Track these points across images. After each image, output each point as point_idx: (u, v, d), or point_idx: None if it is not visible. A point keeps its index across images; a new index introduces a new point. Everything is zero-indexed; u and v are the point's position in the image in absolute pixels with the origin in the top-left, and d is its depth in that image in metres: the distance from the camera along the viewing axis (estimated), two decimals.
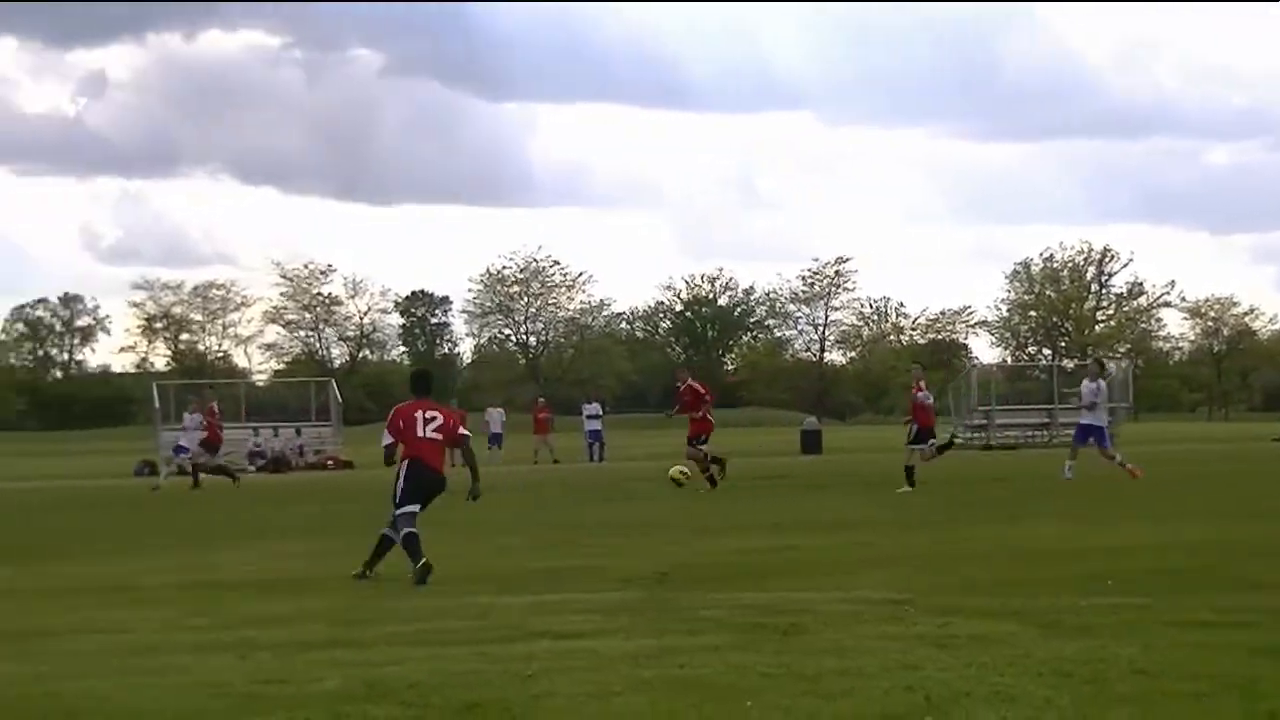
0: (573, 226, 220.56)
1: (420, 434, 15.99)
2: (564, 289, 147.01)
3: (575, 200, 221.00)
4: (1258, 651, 9.54)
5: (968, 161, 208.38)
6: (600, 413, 60.39)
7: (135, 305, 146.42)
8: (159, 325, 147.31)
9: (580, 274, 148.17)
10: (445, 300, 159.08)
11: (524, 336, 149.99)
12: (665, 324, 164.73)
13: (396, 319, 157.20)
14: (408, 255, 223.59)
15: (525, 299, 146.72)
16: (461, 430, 16.46)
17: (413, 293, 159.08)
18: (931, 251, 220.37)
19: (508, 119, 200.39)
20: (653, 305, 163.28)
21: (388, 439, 16.32)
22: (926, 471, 29.93)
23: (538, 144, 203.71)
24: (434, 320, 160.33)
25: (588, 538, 19.87)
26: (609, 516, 24.49)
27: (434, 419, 16.17)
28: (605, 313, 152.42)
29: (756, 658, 9.71)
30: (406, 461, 15.99)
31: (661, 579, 14.66)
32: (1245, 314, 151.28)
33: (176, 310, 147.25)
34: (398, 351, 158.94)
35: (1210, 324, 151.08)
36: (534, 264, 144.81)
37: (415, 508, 15.65)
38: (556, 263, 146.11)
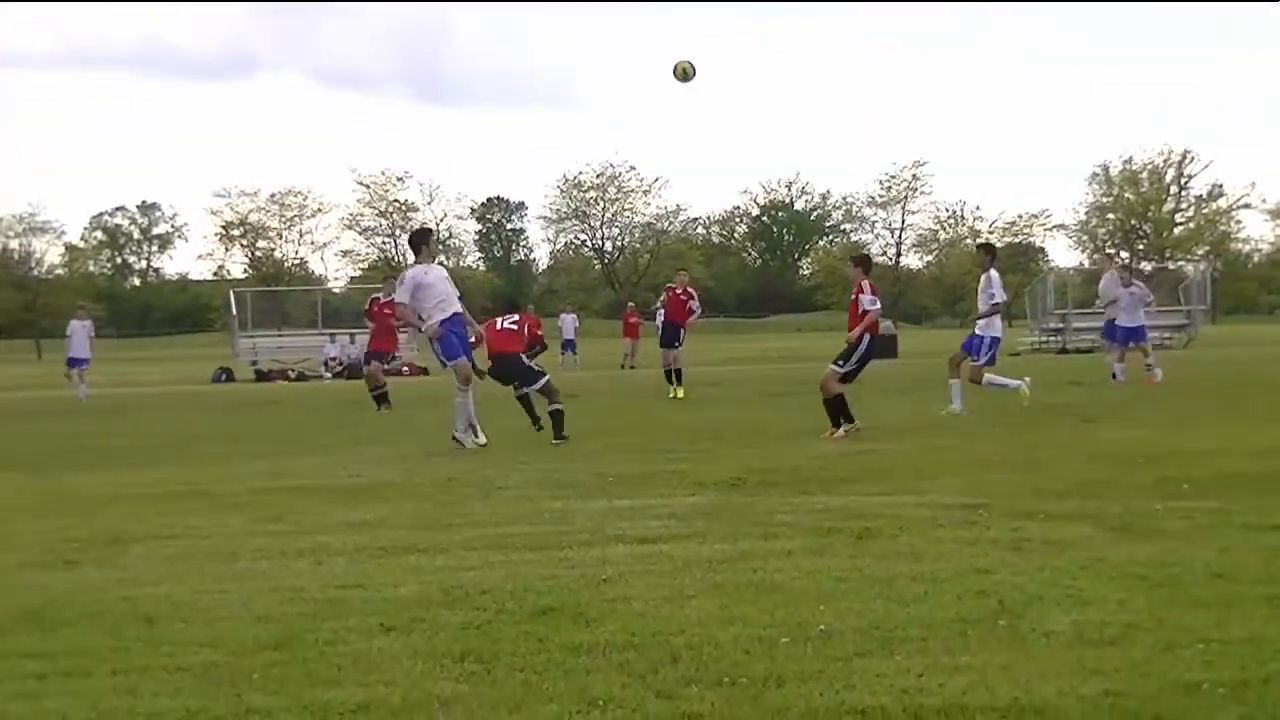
0: (649, 132, 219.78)
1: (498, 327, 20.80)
2: (640, 194, 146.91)
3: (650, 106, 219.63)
4: None
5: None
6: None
7: (213, 213, 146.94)
8: (236, 233, 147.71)
9: (656, 179, 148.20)
10: (521, 206, 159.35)
11: (600, 242, 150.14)
12: (742, 229, 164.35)
13: (473, 225, 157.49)
14: (484, 161, 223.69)
15: (601, 204, 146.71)
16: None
17: (489, 199, 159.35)
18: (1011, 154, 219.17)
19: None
20: (729, 210, 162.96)
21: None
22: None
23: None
24: (510, 226, 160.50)
25: (665, 442, 19.90)
26: (684, 421, 24.52)
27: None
28: (681, 217, 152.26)
29: (830, 562, 9.75)
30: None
31: (737, 484, 14.68)
32: None
33: (254, 217, 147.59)
34: (474, 257, 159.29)
35: None
36: (610, 169, 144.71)
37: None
38: (633, 168, 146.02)
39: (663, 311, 35.13)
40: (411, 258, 21.27)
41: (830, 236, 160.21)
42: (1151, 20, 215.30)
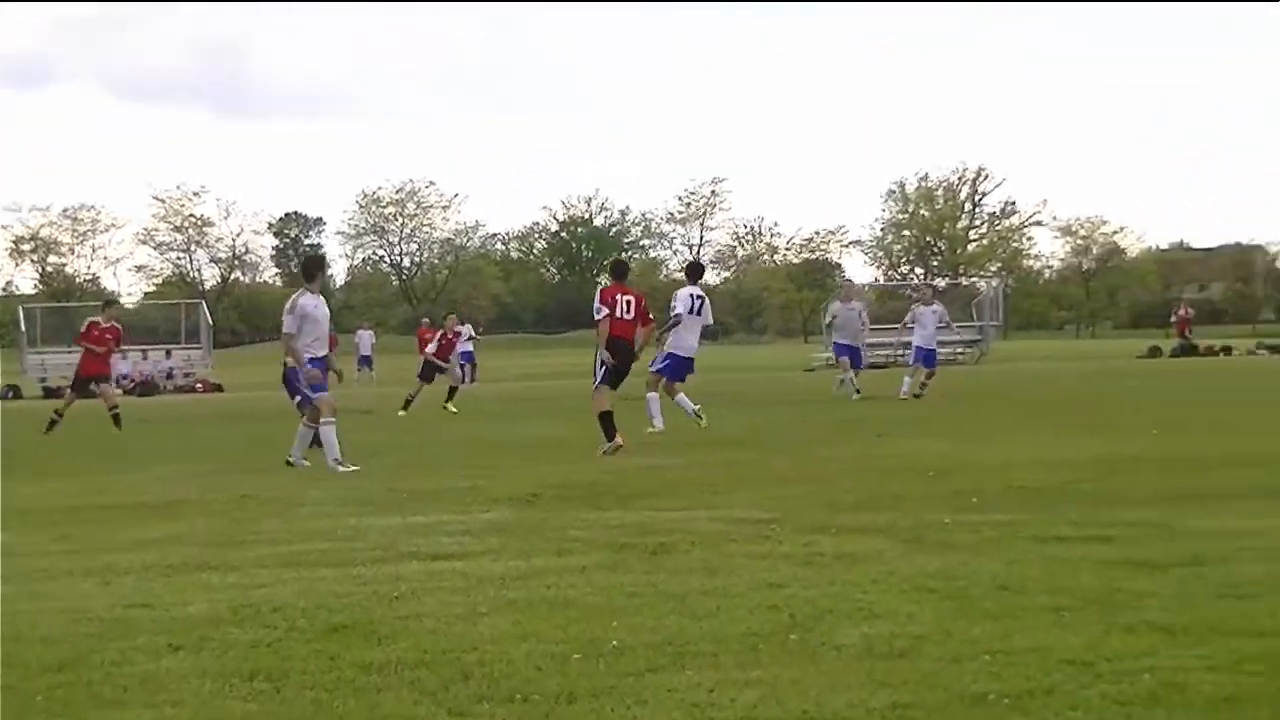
0: (450, 148, 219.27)
1: None
2: (439, 210, 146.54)
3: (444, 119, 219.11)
4: (1115, 565, 9.68)
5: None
6: (473, 334, 60.25)
7: (2, 228, 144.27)
8: (26, 248, 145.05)
9: (456, 195, 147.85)
10: (319, 221, 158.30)
11: (398, 258, 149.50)
12: (541, 245, 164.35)
13: (270, 240, 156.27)
14: (282, 176, 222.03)
15: (400, 220, 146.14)
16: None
17: (286, 214, 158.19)
18: (809, 171, 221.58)
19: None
20: (529, 226, 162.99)
21: None
22: (794, 391, 30.15)
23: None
24: (308, 241, 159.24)
25: (460, 458, 19.86)
26: (481, 437, 24.50)
27: None
28: (480, 233, 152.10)
29: (624, 578, 9.76)
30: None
31: (532, 499, 14.67)
32: (1115, 232, 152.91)
33: (45, 232, 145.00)
34: (271, 273, 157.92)
35: (1081, 242, 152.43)
36: (410, 184, 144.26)
37: None
38: (432, 183, 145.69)
39: (434, 348, 36.10)
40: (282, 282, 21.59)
41: (629, 253, 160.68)
42: (945, 36, 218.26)
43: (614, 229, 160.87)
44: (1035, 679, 6.81)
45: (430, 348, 37.13)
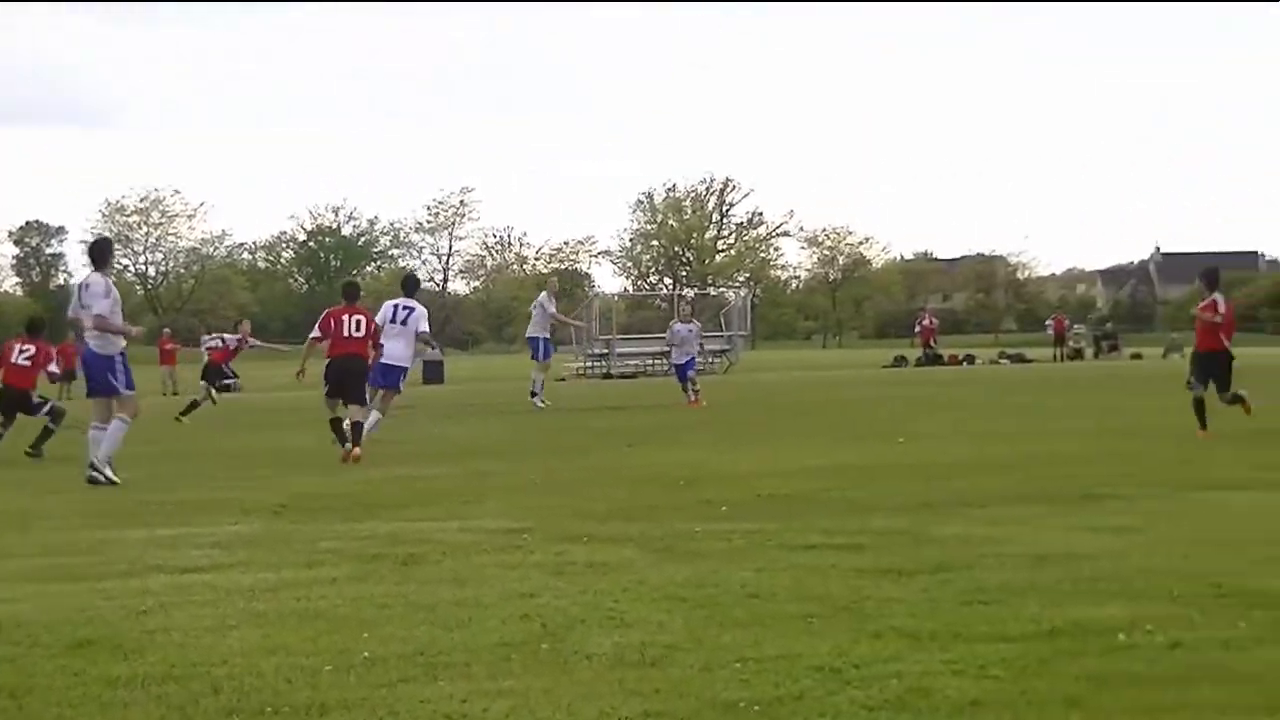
0: (194, 157, 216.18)
1: None
2: (185, 219, 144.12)
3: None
4: (864, 573, 9.83)
5: None
6: (220, 345, 59.40)
7: None
8: None
9: (201, 204, 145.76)
10: (61, 230, 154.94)
11: (143, 267, 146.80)
12: (288, 254, 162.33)
13: (10, 249, 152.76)
14: (21, 185, 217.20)
15: (145, 229, 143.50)
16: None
17: (27, 222, 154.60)
18: (558, 182, 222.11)
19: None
20: (276, 236, 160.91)
21: None
22: (548, 399, 30.17)
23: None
24: (49, 250, 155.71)
25: (208, 470, 19.61)
26: (229, 448, 24.21)
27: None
28: (226, 243, 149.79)
29: (374, 589, 9.71)
30: None
31: (281, 511, 14.55)
32: (860, 243, 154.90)
33: None
34: (11, 282, 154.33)
35: (826, 253, 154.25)
36: (154, 193, 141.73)
37: None
38: (177, 192, 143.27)
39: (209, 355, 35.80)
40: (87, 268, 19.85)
41: (378, 262, 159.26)
42: (689, 47, 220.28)
43: (362, 239, 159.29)
44: (785, 686, 6.88)
45: (227, 340, 36.45)
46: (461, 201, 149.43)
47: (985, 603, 8.67)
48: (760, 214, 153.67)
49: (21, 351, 24.03)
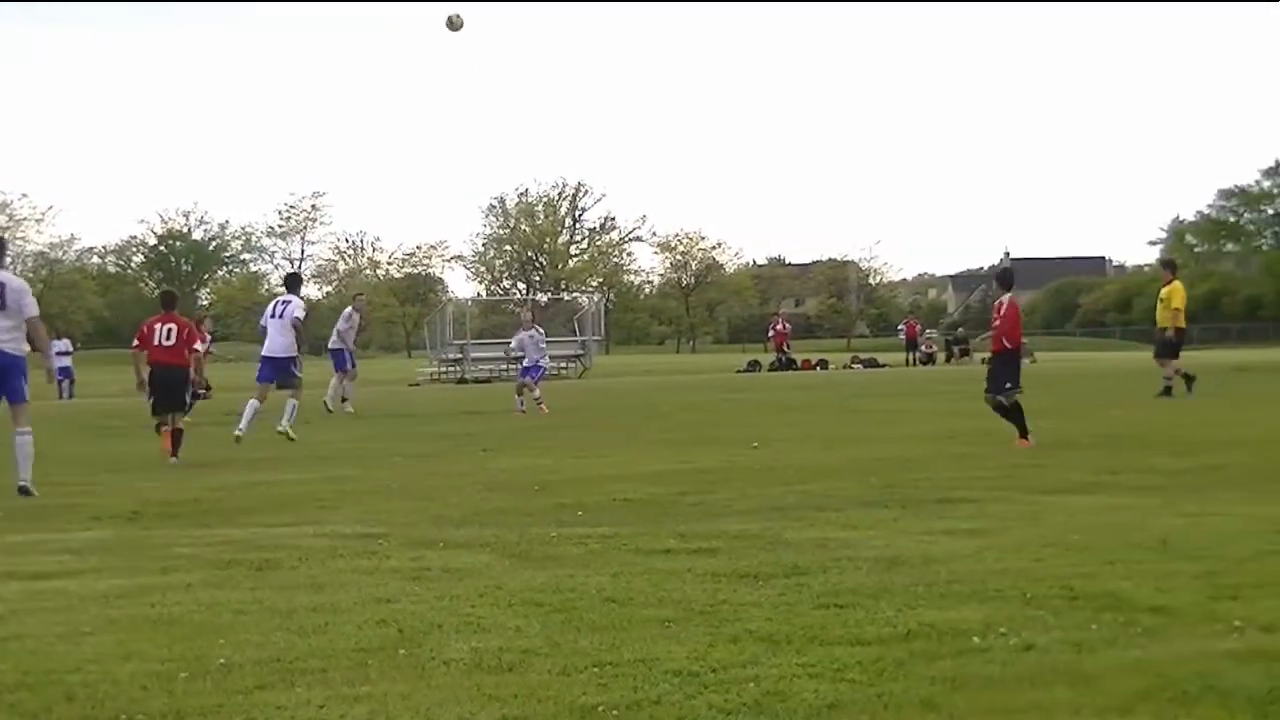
0: (42, 159, 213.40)
1: None
2: (32, 223, 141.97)
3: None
4: (720, 576, 9.87)
5: None
6: (70, 349, 58.71)
7: None
8: None
9: (50, 207, 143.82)
10: None
11: None
12: (139, 259, 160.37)
13: None
14: None
15: None
16: None
17: None
18: (410, 186, 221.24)
19: None
20: (125, 240, 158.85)
21: None
22: (400, 406, 30.07)
23: None
24: None
25: (59, 476, 19.34)
26: (82, 453, 23.91)
27: None
28: (76, 247, 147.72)
29: (230, 595, 9.64)
30: None
31: (135, 517, 14.41)
32: (713, 248, 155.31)
33: None
34: None
35: (679, 258, 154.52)
36: (1, 196, 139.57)
37: None
38: (25, 195, 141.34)
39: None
40: None
41: (230, 267, 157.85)
42: (543, 50, 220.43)
43: (213, 243, 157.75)
44: (643, 690, 6.91)
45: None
46: (313, 206, 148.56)
47: (841, 606, 8.72)
48: (613, 219, 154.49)
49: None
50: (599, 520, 13.07)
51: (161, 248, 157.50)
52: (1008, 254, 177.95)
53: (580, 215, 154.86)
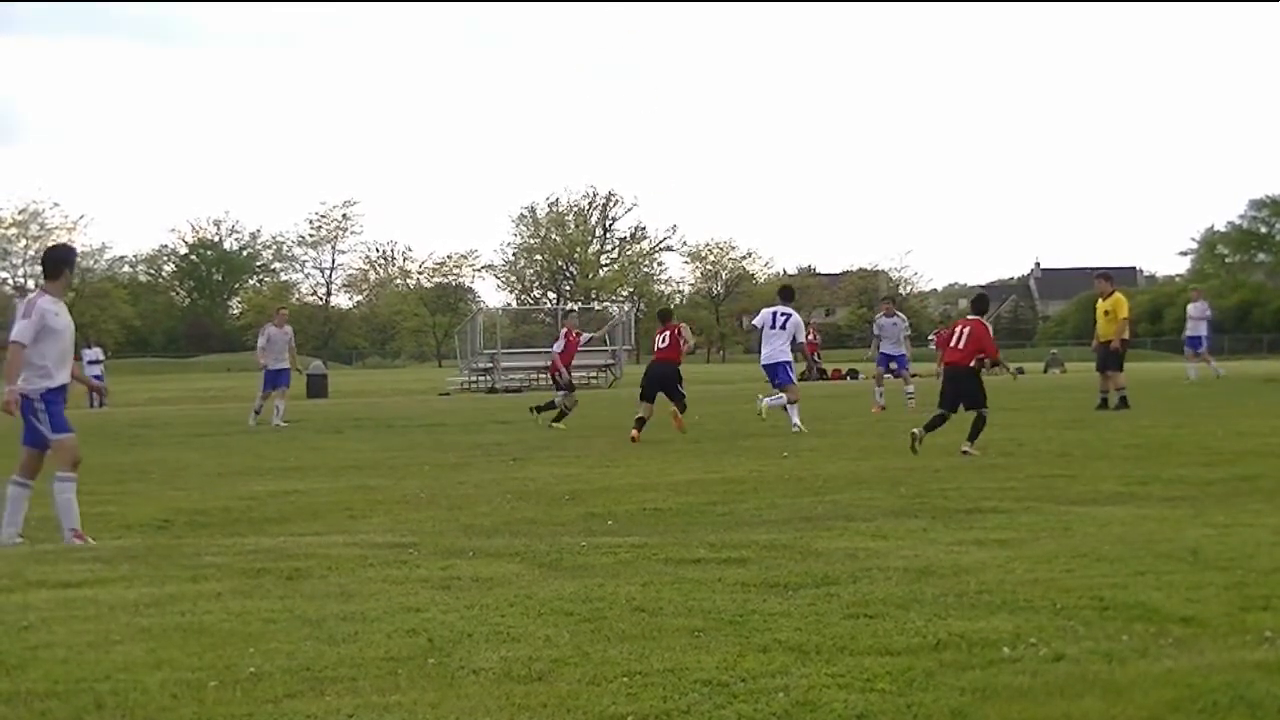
0: (73, 168, 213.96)
1: None
2: (64, 231, 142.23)
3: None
4: (749, 586, 9.85)
5: None
6: (101, 358, 58.82)
7: None
8: None
9: (81, 216, 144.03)
10: None
11: (21, 279, 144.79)
12: (169, 268, 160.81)
13: None
14: None
15: (24, 241, 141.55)
16: None
17: None
18: (441, 195, 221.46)
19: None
20: (157, 249, 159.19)
21: None
22: (431, 415, 30.02)
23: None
24: None
25: (90, 484, 19.35)
26: (112, 462, 23.93)
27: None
28: (107, 256, 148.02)
29: (259, 603, 9.63)
30: None
31: (165, 525, 14.44)
32: (744, 257, 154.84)
33: None
34: None
35: (710, 268, 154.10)
36: (32, 205, 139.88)
37: None
38: (56, 204, 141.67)
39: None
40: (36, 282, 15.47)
41: (261, 276, 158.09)
42: (572, 57, 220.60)
43: (245, 252, 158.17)
44: (672, 700, 6.89)
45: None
46: (344, 215, 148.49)
47: (870, 616, 8.70)
48: (643, 228, 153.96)
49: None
50: (629, 530, 13.10)
51: (193, 257, 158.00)
52: (1038, 264, 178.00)
53: (611, 225, 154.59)
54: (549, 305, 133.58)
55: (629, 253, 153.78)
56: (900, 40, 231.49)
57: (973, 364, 21.15)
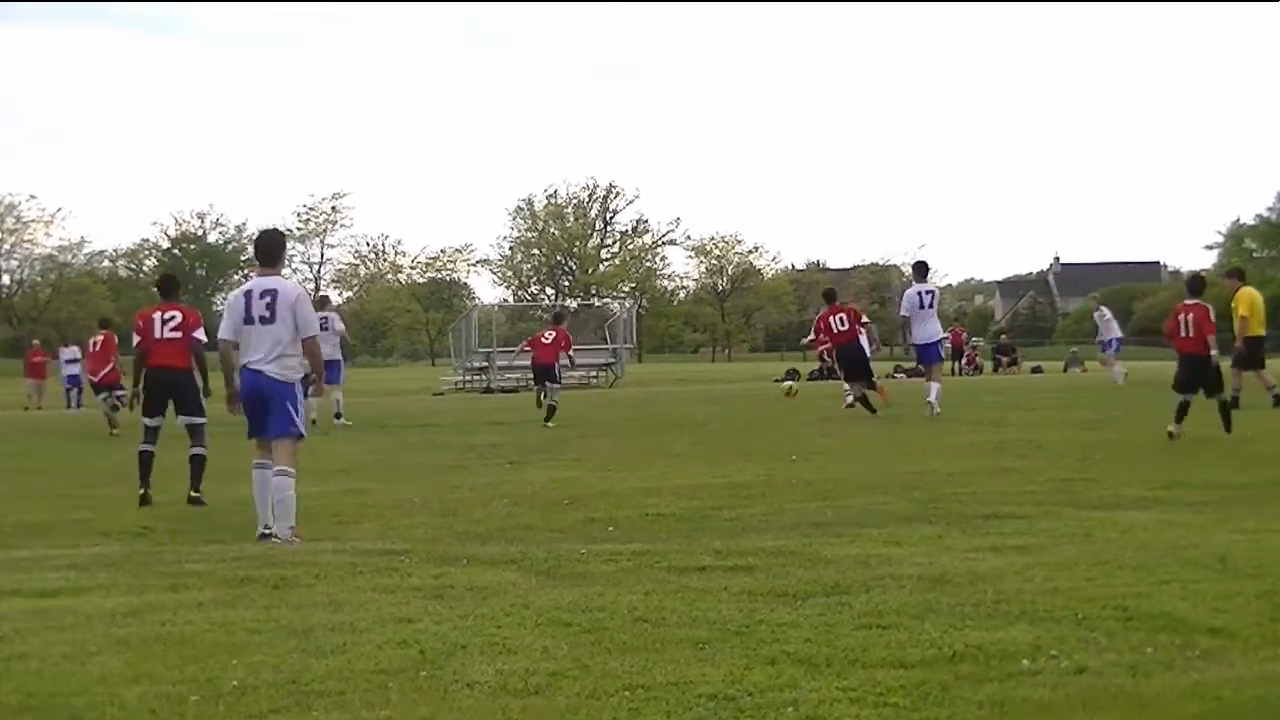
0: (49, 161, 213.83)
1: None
2: (41, 225, 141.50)
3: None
4: (756, 595, 9.70)
5: None
6: (78, 356, 58.52)
7: None
8: None
9: (59, 209, 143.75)
10: None
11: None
12: (151, 262, 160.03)
13: None
14: None
15: None
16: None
17: None
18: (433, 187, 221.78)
19: None
20: (138, 243, 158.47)
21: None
22: (424, 416, 29.86)
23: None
24: None
25: (68, 488, 19.21)
26: (91, 465, 23.77)
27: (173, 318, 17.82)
28: (86, 250, 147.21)
29: (244, 613, 9.46)
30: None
31: (144, 532, 14.36)
32: (750, 252, 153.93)
33: None
34: None
35: (715, 263, 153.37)
36: (9, 198, 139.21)
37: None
38: (33, 197, 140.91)
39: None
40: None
41: (246, 270, 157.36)
42: (567, 49, 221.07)
43: (230, 246, 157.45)
44: (675, 715, 6.79)
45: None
46: (334, 208, 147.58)
47: (883, 627, 8.54)
48: (645, 222, 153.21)
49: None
50: (630, 536, 12.97)
51: (175, 251, 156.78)
52: (1058, 259, 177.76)
53: (611, 218, 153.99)
54: (546, 301, 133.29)
55: (630, 247, 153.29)
56: (917, 30, 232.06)
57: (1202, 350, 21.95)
